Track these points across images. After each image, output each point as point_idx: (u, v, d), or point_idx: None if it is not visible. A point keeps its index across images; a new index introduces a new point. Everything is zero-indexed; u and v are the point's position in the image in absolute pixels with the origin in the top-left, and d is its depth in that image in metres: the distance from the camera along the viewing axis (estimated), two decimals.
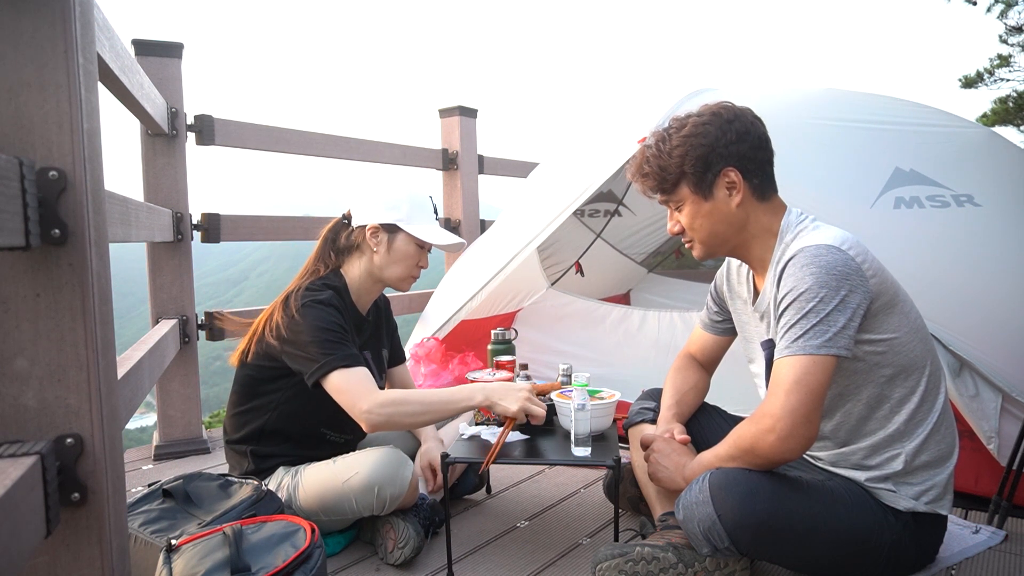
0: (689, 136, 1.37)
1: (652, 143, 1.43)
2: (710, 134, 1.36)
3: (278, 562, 1.24)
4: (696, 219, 1.41)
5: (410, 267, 1.77)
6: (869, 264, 1.30)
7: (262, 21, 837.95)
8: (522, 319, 3.30)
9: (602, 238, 3.86)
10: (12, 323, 0.85)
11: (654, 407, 1.65)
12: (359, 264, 1.77)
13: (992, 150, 2.21)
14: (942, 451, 1.36)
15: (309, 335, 1.56)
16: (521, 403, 1.54)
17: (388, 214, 1.73)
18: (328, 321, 1.59)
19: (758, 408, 1.28)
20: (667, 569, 1.33)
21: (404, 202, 1.74)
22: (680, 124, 1.40)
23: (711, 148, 1.36)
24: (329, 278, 1.73)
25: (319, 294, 1.64)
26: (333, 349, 1.55)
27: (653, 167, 1.41)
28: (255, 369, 1.69)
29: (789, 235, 1.37)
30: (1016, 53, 9.18)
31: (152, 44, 2.40)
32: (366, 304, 1.83)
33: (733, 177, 1.37)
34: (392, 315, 2.02)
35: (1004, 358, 1.72)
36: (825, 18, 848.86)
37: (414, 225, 1.73)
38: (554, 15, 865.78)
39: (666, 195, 1.43)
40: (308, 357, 1.56)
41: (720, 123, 1.37)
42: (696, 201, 1.40)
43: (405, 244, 1.74)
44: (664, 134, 1.42)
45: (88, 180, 0.88)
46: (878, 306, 1.30)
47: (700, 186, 1.38)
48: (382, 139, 3.79)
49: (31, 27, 0.83)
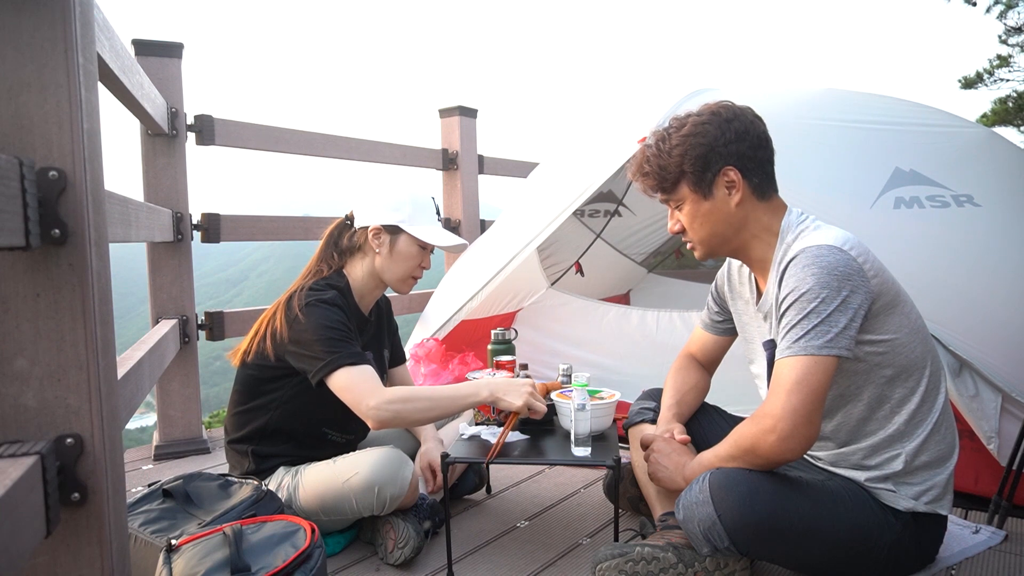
0: (688, 135, 1.37)
1: (652, 142, 1.43)
2: (709, 133, 1.36)
3: (278, 562, 1.24)
4: (696, 218, 1.41)
5: (412, 268, 1.77)
6: (870, 265, 1.30)
7: (262, 21, 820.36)
8: (522, 319, 3.30)
9: (602, 238, 3.86)
10: (12, 323, 0.85)
11: (654, 407, 1.65)
12: (362, 265, 1.77)
13: (992, 150, 2.21)
14: (942, 451, 1.36)
15: (313, 334, 1.56)
16: (525, 398, 1.55)
17: (390, 215, 1.73)
18: (332, 320, 1.59)
19: (759, 408, 1.28)
20: (667, 569, 1.33)
21: (406, 203, 1.74)
22: (680, 123, 1.41)
23: (710, 147, 1.36)
24: (332, 278, 1.74)
25: (323, 293, 1.65)
26: (338, 347, 1.55)
27: (653, 166, 1.41)
28: (256, 369, 1.70)
29: (790, 235, 1.37)
30: (1016, 53, 9.18)
31: (152, 44, 2.40)
32: (368, 304, 1.83)
33: (732, 176, 1.37)
34: (393, 316, 2.02)
35: (1004, 358, 1.72)
36: (825, 18, 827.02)
37: (416, 226, 1.74)
38: (554, 15, 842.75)
39: (666, 194, 1.43)
40: (312, 356, 1.56)
41: (719, 122, 1.37)
42: (696, 200, 1.40)
43: (407, 245, 1.74)
44: (664, 133, 1.42)
45: (88, 180, 0.88)
46: (879, 307, 1.30)
47: (699, 185, 1.38)
48: (382, 139, 3.79)
49: (31, 27, 0.83)
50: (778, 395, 1.24)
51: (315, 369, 1.55)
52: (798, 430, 1.21)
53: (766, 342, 1.45)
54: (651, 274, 4.44)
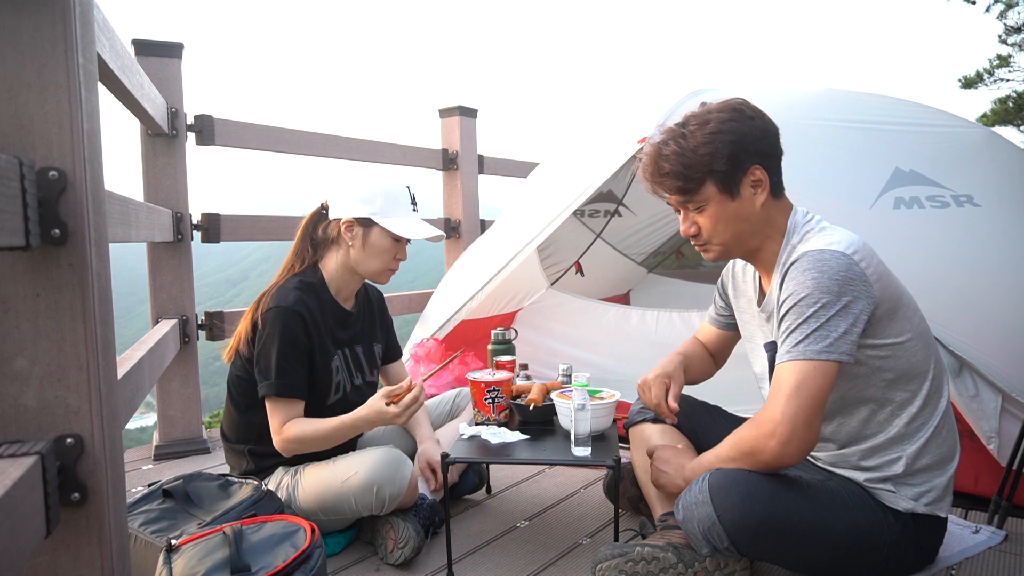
0: (716, 133, 1.30)
1: (669, 141, 1.35)
2: (737, 130, 1.30)
3: (278, 562, 1.24)
4: (720, 220, 1.35)
5: (387, 261, 1.75)
6: (874, 269, 1.28)
7: (262, 21, 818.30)
8: (522, 319, 3.30)
9: (602, 238, 3.86)
10: (12, 323, 0.85)
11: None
12: (335, 257, 1.76)
13: (992, 150, 2.21)
14: (943, 455, 1.36)
15: (267, 348, 1.61)
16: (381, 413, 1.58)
17: (362, 208, 1.71)
18: (285, 339, 1.61)
19: (759, 412, 1.27)
20: (667, 569, 1.33)
21: (379, 195, 1.71)
22: (701, 120, 1.33)
23: (739, 145, 1.30)
24: (306, 274, 1.74)
25: (285, 299, 1.64)
26: (279, 375, 1.60)
27: (675, 166, 1.33)
28: (243, 371, 1.70)
29: (796, 236, 1.36)
30: (1015, 53, 9.17)
31: (152, 44, 2.40)
32: (348, 296, 1.81)
33: (759, 175, 1.33)
34: (387, 310, 2.01)
35: (1004, 358, 1.72)
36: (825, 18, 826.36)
37: (389, 219, 1.71)
38: (554, 15, 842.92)
39: (688, 195, 1.35)
40: (260, 371, 1.63)
41: (744, 119, 1.32)
42: (722, 201, 1.34)
43: (380, 238, 1.72)
44: (683, 131, 1.34)
45: (88, 180, 0.88)
46: (882, 312, 1.28)
47: (728, 185, 1.32)
48: (382, 139, 3.79)
49: (31, 27, 0.83)
50: (777, 400, 1.23)
51: (261, 384, 1.63)
52: (797, 435, 1.21)
53: (767, 344, 1.44)
54: (651, 274, 4.44)
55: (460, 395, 2.04)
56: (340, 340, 1.77)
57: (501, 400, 1.74)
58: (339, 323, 1.76)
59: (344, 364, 1.77)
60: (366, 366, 1.85)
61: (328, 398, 1.72)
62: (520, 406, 1.73)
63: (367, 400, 1.62)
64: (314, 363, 1.67)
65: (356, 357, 1.82)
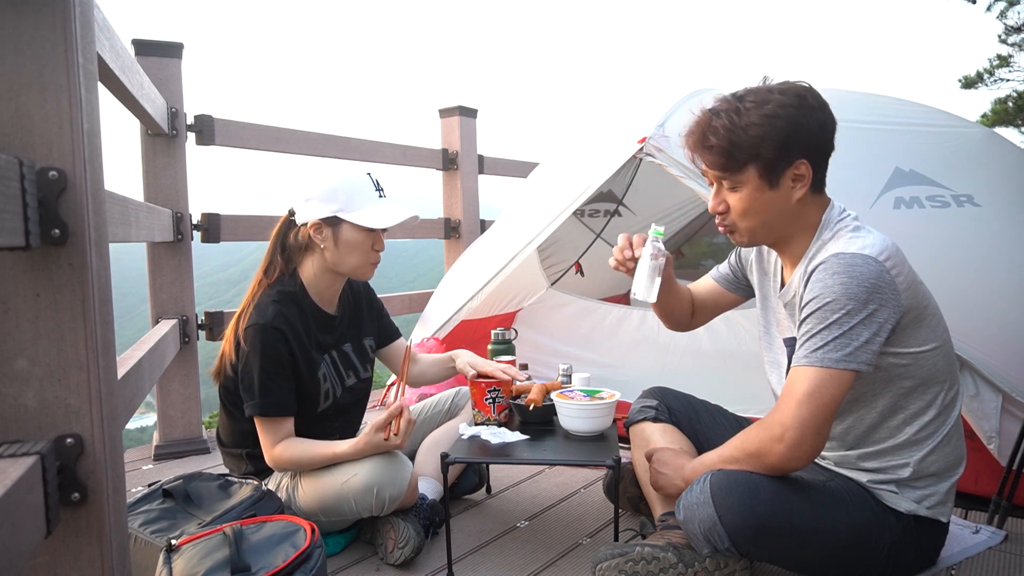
0: (772, 117, 1.24)
1: (722, 113, 1.27)
2: (794, 119, 1.24)
3: (278, 562, 1.24)
4: (752, 206, 1.30)
5: (364, 255, 1.69)
6: (905, 277, 1.25)
7: (262, 21, 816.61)
8: (522, 319, 3.30)
9: (602, 238, 3.86)
10: (12, 323, 0.85)
11: (655, 405, 1.64)
12: (313, 262, 1.71)
13: (992, 150, 2.21)
14: (950, 463, 1.35)
15: (250, 367, 1.60)
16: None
17: (325, 207, 1.64)
18: (266, 356, 1.59)
19: (768, 415, 1.27)
20: (667, 569, 1.33)
21: (339, 190, 1.64)
22: (760, 99, 1.26)
23: (793, 134, 1.24)
24: (286, 284, 1.69)
25: (264, 314, 1.61)
26: (263, 394, 1.59)
27: (722, 140, 1.26)
28: (231, 382, 1.68)
29: (827, 233, 1.32)
30: (1015, 53, 9.17)
31: (152, 44, 2.40)
32: (330, 300, 1.78)
33: (804, 171, 1.28)
34: (375, 297, 1.96)
35: (1004, 358, 1.72)
36: (826, 18, 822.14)
37: (356, 212, 1.64)
38: (554, 15, 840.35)
39: (727, 172, 1.29)
40: (245, 390, 1.62)
41: (805, 108, 1.25)
42: (759, 188, 1.28)
43: (352, 233, 1.66)
44: (739, 106, 1.26)
45: (88, 180, 0.88)
46: (908, 320, 1.26)
47: (769, 173, 1.27)
48: (382, 139, 3.79)
49: (31, 27, 0.83)
50: (789, 404, 1.22)
51: (247, 403, 1.62)
52: (807, 441, 1.20)
53: (787, 339, 1.43)
54: None
55: (459, 394, 2.04)
56: (325, 344, 1.75)
57: (501, 400, 1.74)
58: (323, 328, 1.74)
59: (332, 368, 1.75)
60: (358, 363, 1.83)
61: (318, 406, 1.71)
62: (520, 406, 1.73)
63: (360, 431, 1.60)
64: (300, 376, 1.65)
65: (346, 357, 1.80)
